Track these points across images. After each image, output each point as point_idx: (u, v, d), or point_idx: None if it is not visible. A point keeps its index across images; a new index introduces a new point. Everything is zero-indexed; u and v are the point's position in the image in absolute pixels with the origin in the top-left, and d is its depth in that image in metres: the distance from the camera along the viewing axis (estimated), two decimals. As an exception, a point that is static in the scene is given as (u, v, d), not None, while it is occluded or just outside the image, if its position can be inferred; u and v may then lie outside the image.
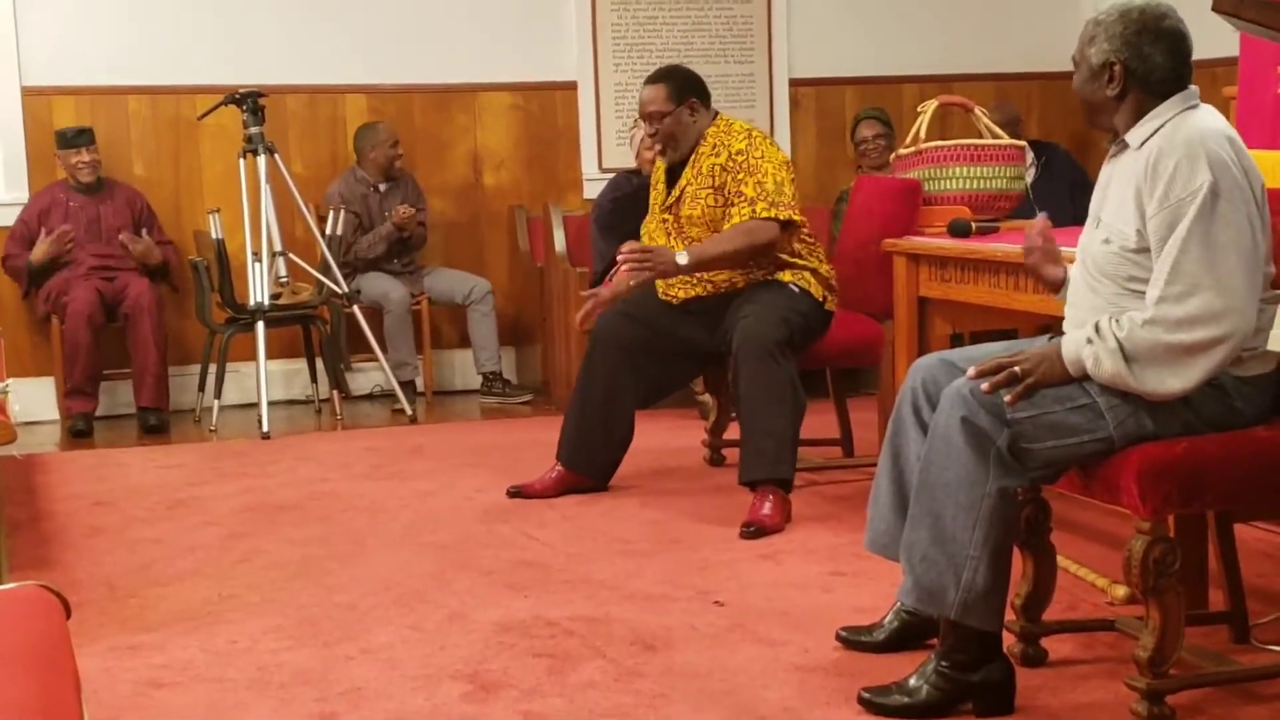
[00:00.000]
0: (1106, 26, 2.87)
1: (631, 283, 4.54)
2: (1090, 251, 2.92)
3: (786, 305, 4.50)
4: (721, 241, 4.49)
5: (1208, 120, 2.82)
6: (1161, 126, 2.83)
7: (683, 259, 4.44)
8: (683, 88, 4.64)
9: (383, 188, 6.89)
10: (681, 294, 4.68)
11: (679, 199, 4.65)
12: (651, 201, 4.85)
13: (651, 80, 4.70)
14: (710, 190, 4.57)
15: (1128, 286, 2.82)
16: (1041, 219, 3.24)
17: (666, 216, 4.69)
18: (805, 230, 4.63)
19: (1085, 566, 3.68)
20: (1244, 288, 2.70)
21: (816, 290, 4.61)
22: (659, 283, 4.73)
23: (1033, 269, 3.22)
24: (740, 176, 4.52)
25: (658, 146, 4.71)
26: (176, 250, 6.75)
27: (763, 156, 4.55)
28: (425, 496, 4.88)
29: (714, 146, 4.60)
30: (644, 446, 5.01)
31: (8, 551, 4.23)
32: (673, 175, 4.71)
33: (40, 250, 6.46)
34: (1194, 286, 2.69)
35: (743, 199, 4.50)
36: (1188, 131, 2.78)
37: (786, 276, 4.58)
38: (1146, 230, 2.77)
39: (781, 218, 4.49)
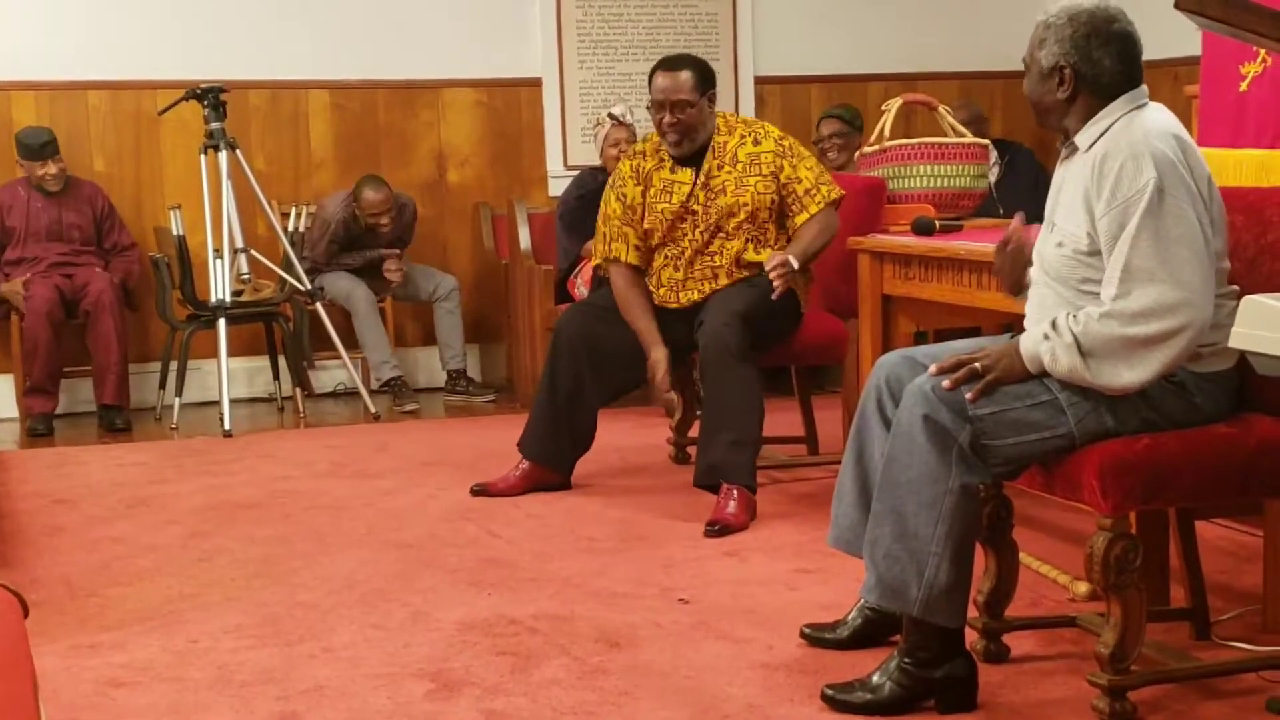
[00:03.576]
0: (1056, 30, 2.89)
1: (776, 297, 4.40)
2: (1045, 255, 2.94)
3: (757, 304, 4.47)
4: (818, 238, 4.51)
5: (1153, 119, 2.83)
6: (1109, 128, 2.84)
7: (795, 264, 4.40)
8: (706, 78, 4.58)
9: (385, 231, 6.83)
10: (690, 298, 4.61)
11: (708, 190, 4.55)
12: (635, 200, 4.63)
13: (673, 67, 4.57)
14: (761, 178, 4.53)
15: (1082, 289, 2.83)
16: (1018, 220, 3.19)
17: (695, 208, 4.56)
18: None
19: (1047, 563, 3.69)
20: (1198, 280, 2.72)
21: (801, 289, 4.61)
22: (664, 289, 4.63)
23: (1000, 268, 3.19)
24: (794, 162, 4.56)
25: (671, 137, 4.55)
26: (140, 256, 6.69)
27: (792, 140, 4.65)
28: (388, 495, 4.86)
29: (742, 136, 4.57)
30: (608, 444, 5.01)
31: (-34, 550, 4.20)
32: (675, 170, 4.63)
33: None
34: (1149, 280, 2.71)
35: (807, 186, 4.53)
36: (1132, 132, 2.80)
37: None
38: (1096, 232, 2.79)
39: (839, 194, 4.57)
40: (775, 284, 4.38)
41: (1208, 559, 3.34)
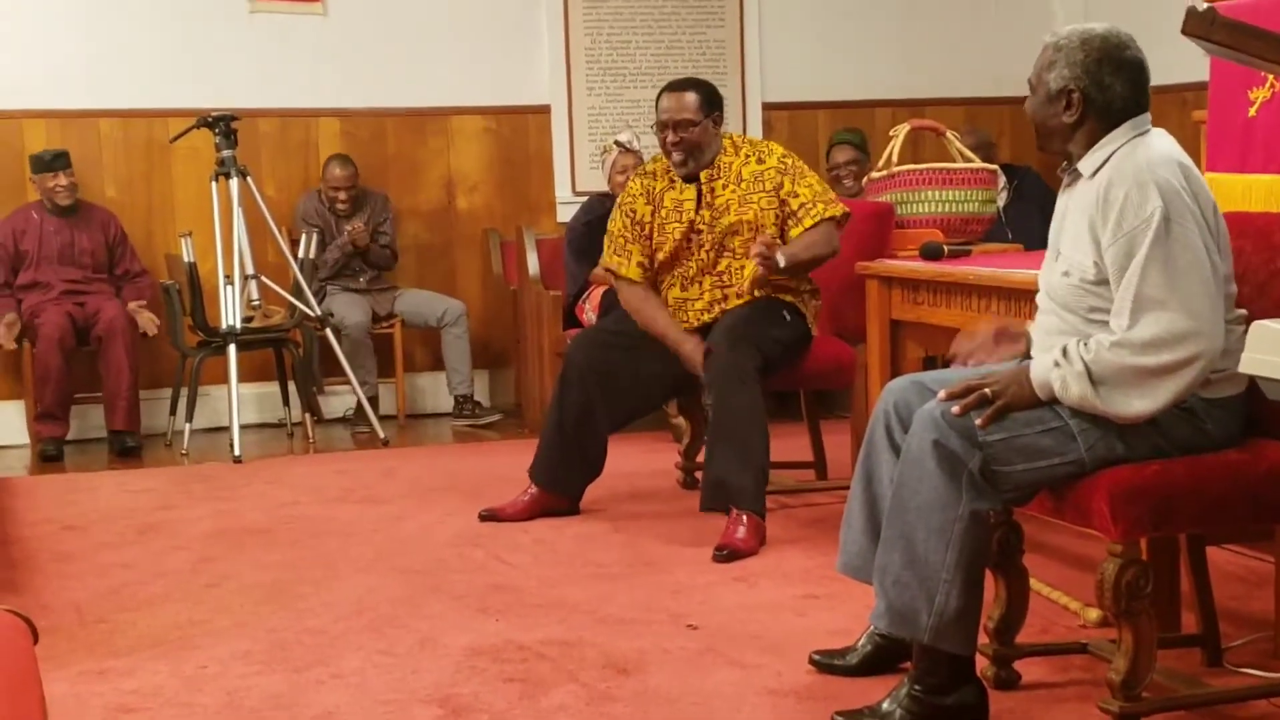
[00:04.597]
0: (1068, 53, 2.88)
1: (756, 278, 4.47)
2: (1051, 284, 2.93)
3: (767, 328, 4.47)
4: (812, 247, 4.52)
5: (1157, 146, 2.82)
6: (1112, 155, 2.83)
7: (781, 261, 4.43)
8: (711, 99, 4.63)
9: (341, 208, 6.87)
10: (701, 319, 4.61)
11: (712, 209, 4.58)
12: (644, 217, 4.65)
13: (679, 88, 4.65)
14: (764, 194, 4.56)
15: (1090, 318, 2.83)
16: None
17: (700, 227, 4.60)
18: None
19: (1058, 589, 3.68)
20: (1208, 309, 2.71)
21: (810, 313, 4.61)
22: (671, 307, 4.64)
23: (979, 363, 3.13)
24: (794, 178, 4.58)
25: (676, 156, 4.59)
26: (152, 282, 6.71)
27: (795, 158, 4.66)
28: (397, 520, 4.85)
29: (746, 156, 4.61)
30: (617, 470, 5.00)
31: (-25, 576, 4.20)
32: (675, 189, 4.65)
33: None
34: (1160, 310, 2.70)
35: (803, 201, 4.55)
36: (1136, 160, 2.79)
37: (788, 298, 4.58)
38: (1104, 262, 2.78)
39: (841, 212, 4.58)
40: (755, 263, 4.43)
41: (1219, 585, 3.32)
